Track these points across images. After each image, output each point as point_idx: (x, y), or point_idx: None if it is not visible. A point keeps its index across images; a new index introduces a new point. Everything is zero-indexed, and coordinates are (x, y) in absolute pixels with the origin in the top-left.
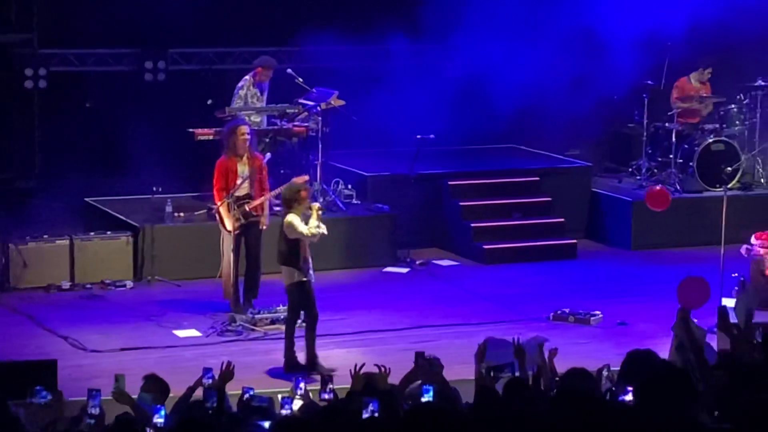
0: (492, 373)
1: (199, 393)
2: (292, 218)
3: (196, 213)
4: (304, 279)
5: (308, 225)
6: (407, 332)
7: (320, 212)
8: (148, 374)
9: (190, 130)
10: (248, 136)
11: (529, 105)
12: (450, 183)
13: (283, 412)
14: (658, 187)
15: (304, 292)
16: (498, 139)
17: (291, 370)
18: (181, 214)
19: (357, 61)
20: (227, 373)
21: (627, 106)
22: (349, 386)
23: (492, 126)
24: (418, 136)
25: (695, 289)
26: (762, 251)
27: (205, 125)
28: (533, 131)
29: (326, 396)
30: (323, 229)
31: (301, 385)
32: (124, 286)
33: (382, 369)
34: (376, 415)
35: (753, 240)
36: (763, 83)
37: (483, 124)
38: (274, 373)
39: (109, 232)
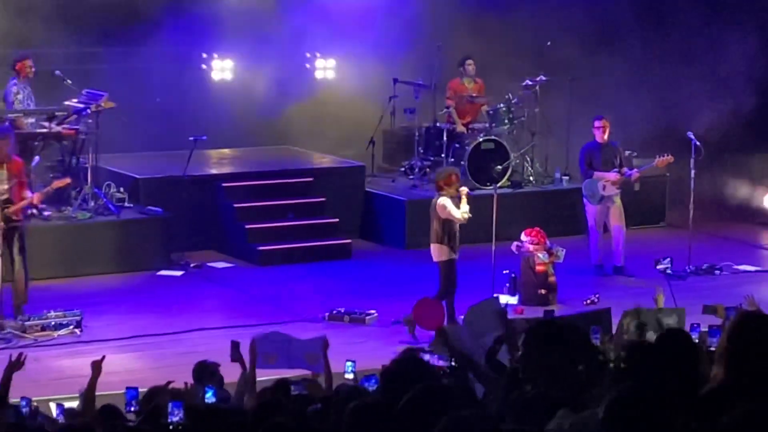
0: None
1: None
2: (445, 200)
3: None
4: (454, 257)
5: (460, 209)
6: (182, 336)
7: (468, 196)
8: None
9: None
10: (10, 142)
11: (301, 105)
12: (224, 185)
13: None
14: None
15: (452, 269)
16: (272, 139)
17: None
18: None
19: (127, 63)
20: (16, 364)
21: (399, 106)
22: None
23: (265, 127)
24: (191, 138)
25: (429, 311)
26: (531, 248)
27: None
28: (307, 132)
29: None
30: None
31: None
32: None
33: (167, 384)
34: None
35: (523, 237)
36: (531, 83)
37: (256, 125)
38: None
39: None
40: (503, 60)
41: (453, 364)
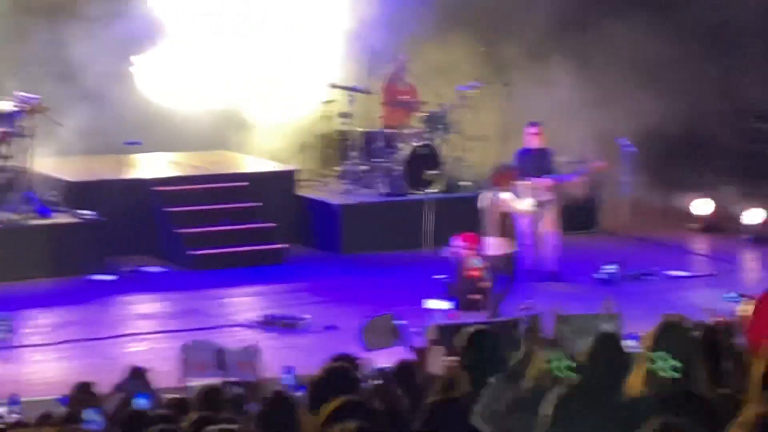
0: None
1: None
2: (507, 195)
3: None
4: (516, 249)
5: (523, 202)
6: (115, 341)
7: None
8: None
9: None
10: None
11: (235, 109)
12: (157, 189)
13: None
14: None
15: (514, 261)
16: (206, 144)
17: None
18: None
19: (59, 66)
20: None
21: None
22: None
23: (199, 131)
24: (125, 142)
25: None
26: (465, 252)
27: None
28: (241, 136)
29: None
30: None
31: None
32: None
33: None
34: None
35: (457, 242)
36: (464, 88)
37: (190, 129)
38: None
39: None
40: (440, 64)
41: (380, 382)
